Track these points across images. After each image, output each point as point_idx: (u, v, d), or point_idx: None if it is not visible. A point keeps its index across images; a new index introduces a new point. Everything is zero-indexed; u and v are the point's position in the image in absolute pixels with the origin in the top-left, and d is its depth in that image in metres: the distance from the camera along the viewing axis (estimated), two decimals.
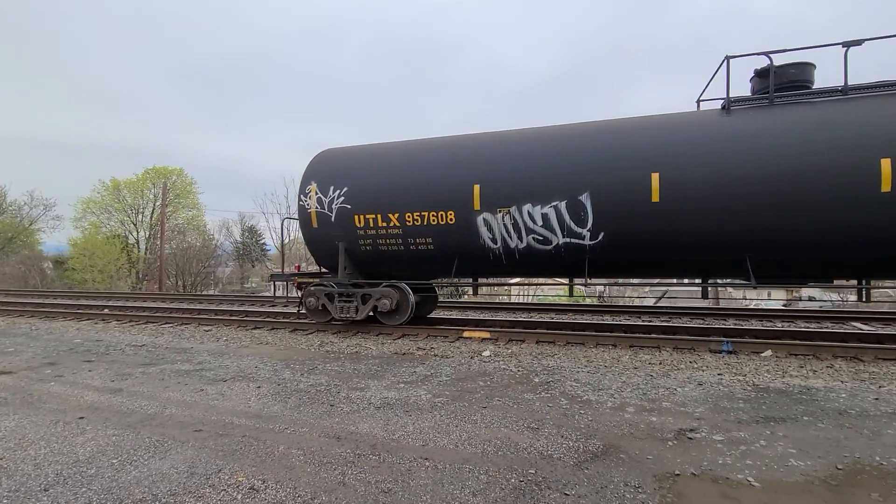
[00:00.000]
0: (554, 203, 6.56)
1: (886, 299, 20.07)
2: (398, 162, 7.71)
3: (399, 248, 7.50)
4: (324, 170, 8.09)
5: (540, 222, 6.67)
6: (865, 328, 8.09)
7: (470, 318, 9.78)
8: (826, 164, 5.61)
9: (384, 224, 7.42)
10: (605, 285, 8.27)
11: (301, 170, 8.21)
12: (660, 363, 5.71)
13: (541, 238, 6.72)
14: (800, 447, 3.27)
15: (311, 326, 8.66)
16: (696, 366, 5.57)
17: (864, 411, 3.95)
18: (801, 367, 5.45)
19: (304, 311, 8.70)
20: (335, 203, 7.70)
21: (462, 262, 7.30)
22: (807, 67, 6.33)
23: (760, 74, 6.37)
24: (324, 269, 8.85)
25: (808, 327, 8.08)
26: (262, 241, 45.56)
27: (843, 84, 5.89)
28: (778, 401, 4.25)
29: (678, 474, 2.93)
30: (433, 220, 7.13)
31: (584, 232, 6.50)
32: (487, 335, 7.31)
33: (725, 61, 6.36)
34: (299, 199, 8.10)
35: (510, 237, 6.85)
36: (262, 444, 3.50)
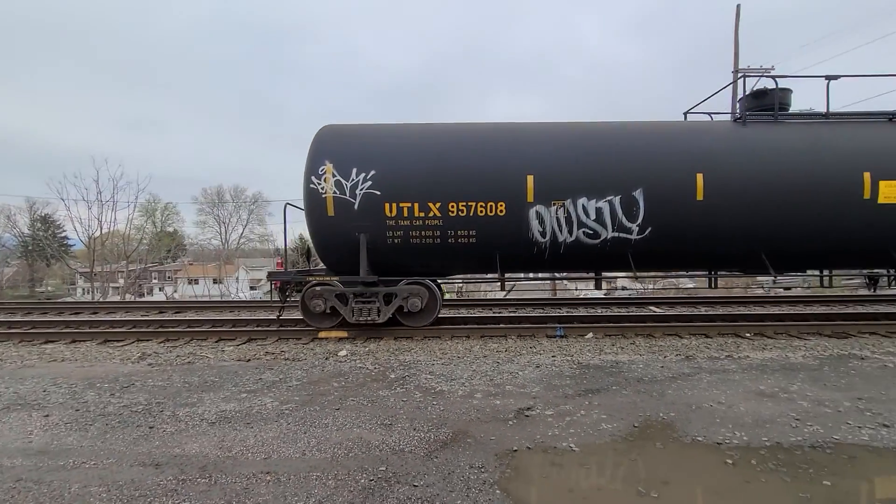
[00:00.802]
0: (609, 198, 6.71)
1: (671, 287, 25.28)
2: (442, 147, 6.99)
3: (434, 242, 6.84)
4: (342, 149, 6.90)
5: (593, 216, 6.75)
6: (658, 311, 10.06)
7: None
8: (824, 173, 6.77)
9: (422, 214, 6.72)
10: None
11: (113, 149, 6.76)
12: (506, 350, 6.23)
13: (591, 232, 6.79)
14: (609, 413, 3.87)
15: (128, 336, 7.28)
16: (535, 350, 6.23)
17: (654, 377, 4.87)
18: (613, 345, 6.51)
19: (283, 317, 7.80)
20: (359, 188, 6.69)
21: (503, 256, 6.97)
22: (788, 92, 7.59)
23: (757, 95, 7.51)
24: (319, 266, 7.54)
25: (619, 312, 9.72)
26: (63, 234, 36.96)
27: (825, 110, 7.33)
28: (596, 375, 4.98)
29: (516, 450, 3.20)
30: (481, 212, 6.72)
31: (634, 227, 6.77)
32: (345, 334, 7.07)
33: (742, 78, 7.14)
34: (309, 181, 6.77)
35: (560, 231, 6.79)
36: (46, 487, 2.78)
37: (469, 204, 6.74)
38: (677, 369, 5.16)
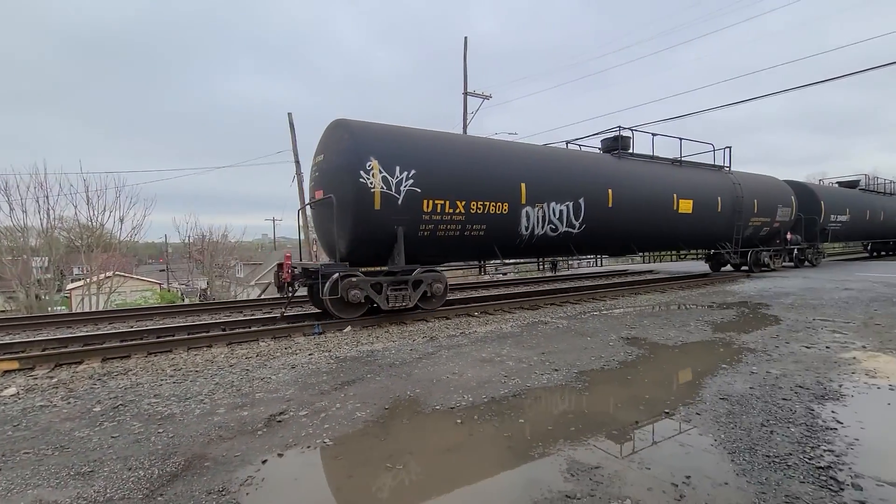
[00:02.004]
0: (567, 203, 9.27)
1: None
2: (466, 154, 8.22)
3: (455, 234, 8.01)
4: (382, 147, 7.36)
5: (557, 216, 9.12)
6: None
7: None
8: (655, 193, 11.10)
9: (451, 210, 7.76)
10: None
11: None
12: (257, 355, 5.70)
13: (553, 227, 9.12)
14: (364, 400, 4.01)
15: None
16: (291, 350, 5.92)
17: (405, 360, 5.32)
18: (370, 335, 6.81)
19: (287, 314, 8.00)
20: (403, 185, 7.32)
21: (499, 245, 8.64)
22: (630, 139, 11.47)
23: (616, 139, 11.32)
24: (328, 259, 8.20)
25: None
26: None
27: (651, 154, 11.91)
28: (352, 367, 5.09)
29: (266, 461, 2.95)
30: (492, 210, 8.20)
31: (577, 223, 9.51)
32: (16, 365, 5.12)
33: (622, 129, 11.41)
34: (358, 176, 7.04)
35: (537, 226, 8.87)
36: None
37: (484, 203, 8.16)
38: (423, 350, 5.79)
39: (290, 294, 7.53)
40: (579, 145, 11.80)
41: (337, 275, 7.05)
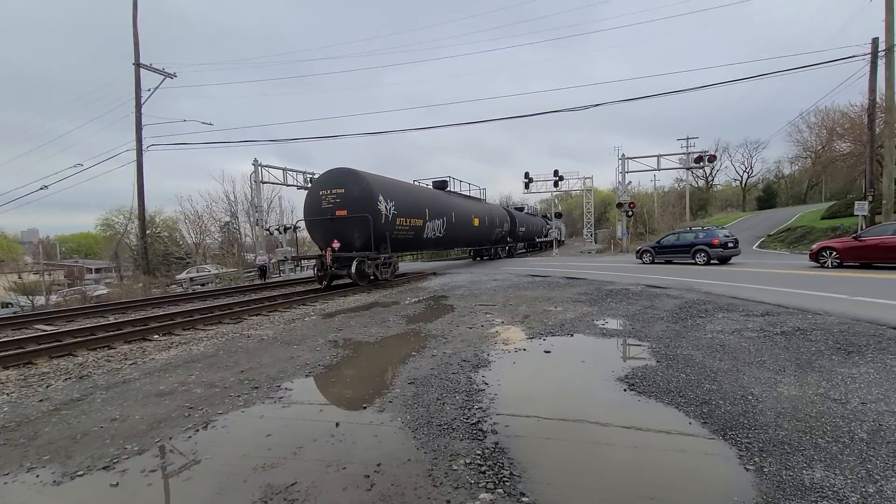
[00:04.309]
0: (440, 219, 17.12)
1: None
2: (411, 193, 15.63)
3: (403, 237, 14.81)
4: (382, 189, 13.55)
5: (437, 228, 16.84)
6: (49, 328, 8.07)
7: None
8: (467, 214, 20.32)
9: (406, 224, 14.63)
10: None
11: None
12: None
13: (434, 234, 16.70)
14: None
15: None
16: None
17: (25, 418, 3.73)
18: None
19: (325, 284, 13.46)
20: (391, 210, 13.66)
21: (418, 242, 16.06)
22: (448, 181, 20.41)
23: (444, 182, 20.11)
24: (340, 251, 13.17)
25: None
26: None
27: (459, 191, 22.18)
28: None
29: None
30: (416, 223, 15.30)
31: (444, 232, 17.53)
32: None
33: (450, 178, 20.86)
34: (376, 205, 12.97)
35: (431, 232, 16.45)
36: None
37: (415, 219, 15.34)
38: (63, 397, 4.23)
39: (330, 272, 13.14)
40: (420, 182, 19.15)
41: (358, 258, 12.73)
